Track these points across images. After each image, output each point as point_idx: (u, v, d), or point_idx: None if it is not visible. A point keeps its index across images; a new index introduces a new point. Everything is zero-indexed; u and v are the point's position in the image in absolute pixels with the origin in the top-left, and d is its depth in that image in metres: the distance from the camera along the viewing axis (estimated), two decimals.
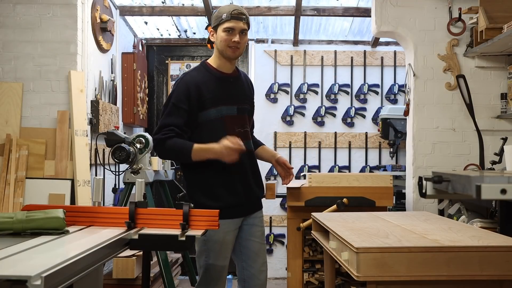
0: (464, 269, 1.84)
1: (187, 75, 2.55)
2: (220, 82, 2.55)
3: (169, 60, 5.35)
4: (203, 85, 2.49)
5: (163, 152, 2.50)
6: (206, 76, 2.54)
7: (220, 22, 2.52)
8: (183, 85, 2.48)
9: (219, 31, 2.54)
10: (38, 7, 3.78)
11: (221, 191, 2.49)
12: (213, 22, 2.56)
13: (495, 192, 1.76)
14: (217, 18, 2.54)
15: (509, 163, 2.73)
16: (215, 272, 2.52)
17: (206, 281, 2.52)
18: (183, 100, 2.45)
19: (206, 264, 2.51)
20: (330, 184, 3.54)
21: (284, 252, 4.86)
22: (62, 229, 1.90)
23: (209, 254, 2.49)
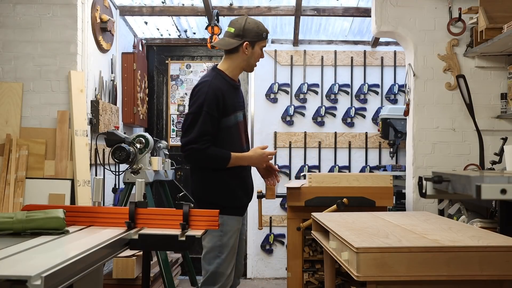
0: (464, 269, 1.84)
1: (213, 83, 2.61)
2: (234, 89, 2.70)
3: (169, 60, 5.35)
4: (226, 93, 2.61)
5: (202, 161, 2.60)
6: (225, 84, 2.65)
7: (260, 39, 2.68)
8: (212, 93, 2.56)
9: (257, 48, 2.68)
10: (38, 7, 3.78)
11: (239, 191, 2.67)
12: (253, 36, 2.65)
13: (495, 192, 1.76)
14: (258, 35, 2.66)
15: (509, 163, 2.73)
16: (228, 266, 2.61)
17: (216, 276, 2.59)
18: (214, 108, 2.56)
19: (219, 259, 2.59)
20: (330, 184, 3.53)
21: (284, 252, 4.86)
22: (62, 229, 1.90)
23: (222, 250, 2.59)
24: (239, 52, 2.66)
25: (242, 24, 2.65)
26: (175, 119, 5.32)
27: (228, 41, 2.67)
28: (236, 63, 2.69)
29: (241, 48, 2.65)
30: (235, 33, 2.65)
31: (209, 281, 2.60)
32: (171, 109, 5.32)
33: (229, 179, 2.64)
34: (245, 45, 2.64)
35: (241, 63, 2.69)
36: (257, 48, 2.68)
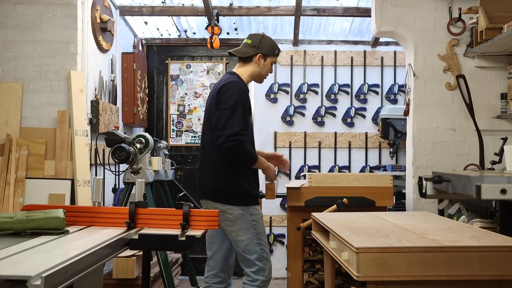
0: (464, 269, 1.84)
1: (241, 84, 2.87)
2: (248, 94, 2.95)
3: (169, 60, 5.35)
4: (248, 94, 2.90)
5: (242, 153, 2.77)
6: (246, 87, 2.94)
7: (272, 54, 2.97)
8: (243, 92, 2.84)
9: (268, 61, 2.98)
10: (38, 7, 3.78)
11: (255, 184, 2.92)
12: (267, 50, 2.95)
13: (495, 192, 1.76)
14: (271, 49, 2.97)
15: (509, 163, 2.73)
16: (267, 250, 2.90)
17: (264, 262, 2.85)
18: (246, 105, 2.82)
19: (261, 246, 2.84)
20: (330, 184, 3.53)
21: (284, 252, 4.86)
22: (62, 229, 1.90)
23: (260, 236, 2.86)
24: (252, 61, 2.96)
25: (259, 37, 2.97)
26: (175, 119, 5.32)
27: (244, 50, 2.97)
28: (249, 72, 2.97)
29: (255, 58, 2.95)
30: (251, 44, 2.97)
31: (259, 269, 2.84)
32: (171, 109, 5.32)
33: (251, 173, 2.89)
34: (258, 56, 2.94)
35: (253, 72, 2.97)
36: (268, 61, 2.97)
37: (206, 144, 2.93)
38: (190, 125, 5.31)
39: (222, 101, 2.79)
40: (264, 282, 2.86)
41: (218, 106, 2.81)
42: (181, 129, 5.32)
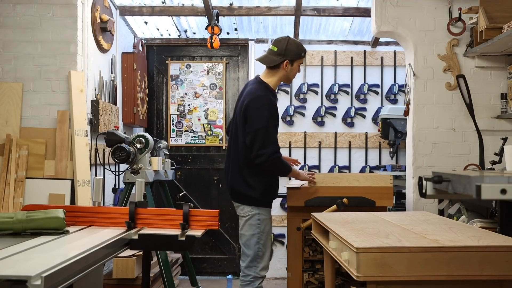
0: (464, 269, 1.84)
1: (269, 98, 3.03)
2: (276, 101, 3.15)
3: (169, 60, 5.35)
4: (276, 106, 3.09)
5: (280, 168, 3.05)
6: (273, 97, 3.12)
7: (299, 58, 3.11)
8: (273, 107, 3.03)
9: (295, 64, 3.12)
10: (38, 7, 3.78)
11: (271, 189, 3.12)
12: (293, 55, 3.07)
13: (495, 192, 1.77)
14: (297, 54, 3.09)
15: (509, 163, 2.73)
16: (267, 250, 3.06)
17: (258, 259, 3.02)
18: (277, 121, 3.05)
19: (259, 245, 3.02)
20: (330, 184, 3.53)
21: (284, 252, 4.86)
22: (62, 229, 1.91)
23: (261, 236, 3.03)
24: (280, 68, 3.09)
25: (284, 44, 3.08)
26: (175, 119, 5.32)
27: (271, 58, 3.10)
28: (277, 78, 3.12)
29: (282, 65, 3.07)
30: (278, 52, 3.08)
31: (252, 264, 3.02)
32: (171, 109, 5.32)
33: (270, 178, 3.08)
34: (285, 63, 3.07)
35: (281, 77, 3.13)
36: (295, 65, 3.12)
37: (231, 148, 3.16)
38: (190, 125, 5.31)
39: (255, 118, 2.96)
40: (255, 278, 3.02)
41: (248, 122, 2.98)
42: (181, 129, 5.32)
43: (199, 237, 2.02)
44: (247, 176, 3.04)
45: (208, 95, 5.30)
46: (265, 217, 3.07)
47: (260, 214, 3.05)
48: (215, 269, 5.21)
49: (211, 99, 5.30)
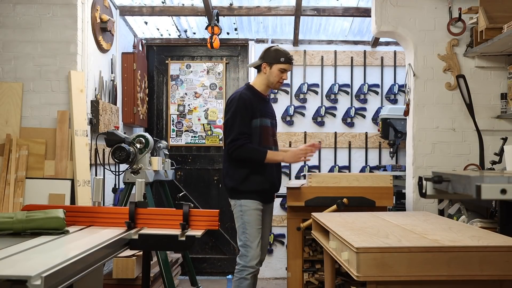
0: (464, 269, 1.84)
1: (242, 93, 3.24)
2: (261, 100, 3.31)
3: (169, 60, 5.35)
4: (253, 100, 3.23)
5: (243, 154, 3.15)
6: (253, 94, 3.28)
7: (277, 62, 3.26)
8: (242, 100, 3.19)
9: (274, 69, 3.27)
10: (38, 7, 3.78)
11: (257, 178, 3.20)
12: (270, 59, 3.27)
13: (495, 192, 1.77)
14: (275, 58, 3.26)
15: (509, 163, 2.73)
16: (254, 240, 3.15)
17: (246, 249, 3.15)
18: (244, 112, 3.17)
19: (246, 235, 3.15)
20: (330, 184, 3.53)
21: (284, 252, 4.86)
22: (62, 229, 1.91)
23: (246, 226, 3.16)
24: (261, 71, 3.31)
25: (265, 49, 3.32)
26: (175, 119, 5.32)
27: (255, 62, 3.38)
28: (260, 80, 3.34)
29: (261, 67, 3.30)
30: (259, 56, 3.35)
31: (241, 255, 3.16)
32: (171, 109, 5.32)
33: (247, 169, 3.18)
34: (263, 65, 3.29)
35: (264, 80, 3.31)
36: (274, 69, 3.26)
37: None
38: (190, 125, 5.31)
39: (225, 114, 3.27)
40: (244, 268, 3.14)
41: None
42: (181, 129, 5.32)
43: (199, 237, 2.02)
44: (227, 169, 3.26)
45: (208, 95, 5.30)
46: (247, 208, 3.17)
47: (242, 205, 3.17)
48: (215, 269, 5.21)
49: (211, 99, 5.30)
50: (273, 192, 3.41)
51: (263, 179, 3.22)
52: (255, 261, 3.15)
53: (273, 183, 3.32)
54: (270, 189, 3.31)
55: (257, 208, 3.20)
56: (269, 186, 3.28)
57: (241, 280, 3.14)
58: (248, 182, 3.19)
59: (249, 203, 3.19)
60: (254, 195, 3.20)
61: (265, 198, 3.29)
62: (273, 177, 3.31)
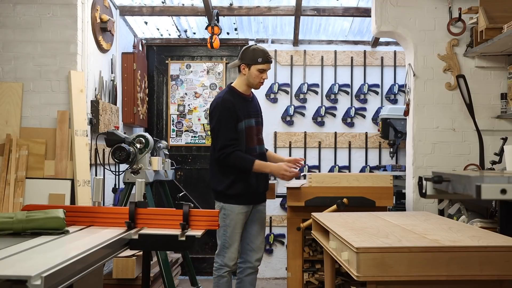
0: (464, 269, 1.84)
1: (223, 98, 3.24)
2: (243, 101, 3.30)
3: (169, 60, 5.35)
4: (236, 103, 3.23)
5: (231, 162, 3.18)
6: (235, 97, 3.27)
7: (255, 63, 3.21)
8: (225, 107, 3.20)
9: (253, 69, 3.23)
10: (38, 7, 3.77)
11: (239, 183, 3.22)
12: (248, 60, 3.23)
13: (495, 192, 1.77)
14: (252, 59, 3.22)
15: (509, 163, 2.73)
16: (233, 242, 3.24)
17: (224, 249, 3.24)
18: (229, 118, 3.18)
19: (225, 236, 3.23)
20: (330, 184, 3.53)
21: (284, 252, 4.86)
22: (62, 229, 1.91)
23: (226, 229, 3.22)
24: (241, 72, 3.29)
25: (242, 49, 3.28)
26: (175, 119, 5.32)
27: (234, 63, 3.35)
28: (241, 81, 3.31)
29: (241, 68, 3.28)
30: (238, 56, 3.31)
31: (219, 253, 3.26)
32: (171, 109, 5.32)
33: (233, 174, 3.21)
34: (242, 66, 3.27)
35: (244, 80, 3.29)
36: (253, 70, 3.22)
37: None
38: (190, 125, 5.31)
39: (210, 121, 3.29)
40: (221, 266, 3.25)
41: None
42: (181, 129, 5.32)
43: (199, 237, 2.02)
44: (214, 173, 3.32)
45: (208, 95, 5.30)
46: (230, 212, 3.22)
47: (226, 209, 3.22)
48: None
49: (211, 99, 5.29)
50: (260, 194, 3.39)
51: (248, 183, 3.24)
52: (232, 262, 3.24)
53: (259, 186, 3.32)
54: (255, 192, 3.31)
55: (240, 212, 3.24)
56: (255, 189, 3.29)
57: (219, 278, 3.26)
58: (233, 187, 3.23)
59: (232, 208, 3.23)
60: (239, 200, 3.23)
61: (250, 200, 3.30)
62: (259, 180, 3.31)
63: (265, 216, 3.47)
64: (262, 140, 3.41)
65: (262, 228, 3.45)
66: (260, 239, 3.41)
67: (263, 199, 3.44)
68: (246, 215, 3.30)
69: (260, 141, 3.38)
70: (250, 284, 3.38)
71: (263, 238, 3.45)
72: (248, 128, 3.27)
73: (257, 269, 3.41)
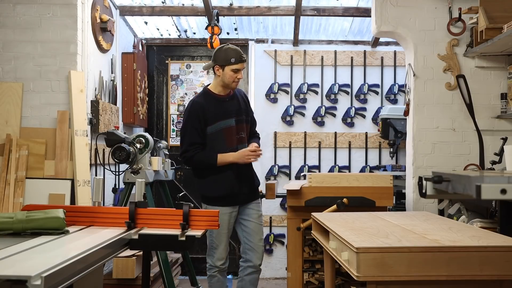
0: (464, 269, 1.84)
1: (194, 102, 3.30)
2: (218, 103, 3.30)
3: (169, 60, 5.35)
4: (207, 107, 3.25)
5: (194, 165, 3.28)
6: (208, 99, 3.30)
7: (228, 63, 3.22)
8: (193, 110, 3.25)
9: (227, 70, 3.24)
10: (38, 7, 3.77)
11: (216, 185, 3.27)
12: (221, 61, 3.24)
13: (495, 192, 1.77)
14: (225, 60, 3.23)
15: (509, 163, 2.73)
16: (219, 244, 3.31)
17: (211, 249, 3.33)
18: (196, 121, 3.22)
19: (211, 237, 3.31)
20: (330, 184, 3.53)
21: (284, 252, 4.86)
22: (62, 229, 1.91)
23: (212, 231, 3.24)
24: (215, 73, 3.31)
25: (215, 51, 3.29)
26: (175, 119, 5.32)
27: (208, 64, 3.38)
28: (216, 82, 3.34)
29: (215, 70, 3.30)
30: (212, 57, 3.32)
31: (208, 253, 3.36)
32: (171, 109, 5.32)
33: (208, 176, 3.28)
34: (216, 68, 3.28)
35: (219, 82, 3.31)
36: (227, 70, 3.23)
37: None
38: None
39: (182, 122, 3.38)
40: (211, 266, 3.34)
41: None
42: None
43: (199, 237, 2.02)
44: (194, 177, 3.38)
45: None
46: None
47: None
48: None
49: None
50: (246, 193, 3.36)
51: (227, 184, 3.25)
52: (220, 262, 3.32)
53: (242, 185, 3.31)
54: (239, 192, 3.30)
55: (224, 213, 3.24)
56: (238, 190, 3.28)
57: (210, 277, 3.37)
58: (212, 190, 3.28)
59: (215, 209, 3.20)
60: (220, 202, 3.25)
61: (236, 201, 3.31)
62: (241, 180, 3.30)
63: (259, 214, 3.42)
64: (244, 138, 3.36)
65: (258, 226, 3.40)
66: (257, 238, 3.38)
67: (252, 198, 3.40)
68: (232, 216, 3.32)
69: (242, 140, 3.34)
70: (251, 283, 3.38)
71: (261, 236, 3.41)
72: (226, 129, 3.27)
73: (259, 269, 3.40)
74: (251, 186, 3.39)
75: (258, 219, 3.41)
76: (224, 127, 3.26)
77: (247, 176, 3.36)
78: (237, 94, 3.42)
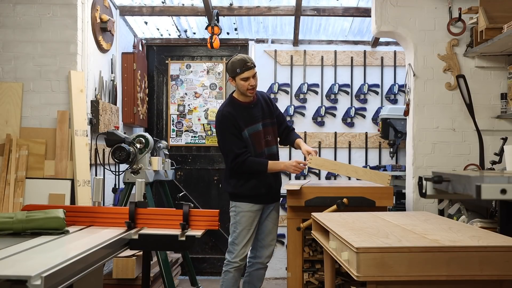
0: (464, 269, 1.84)
1: (223, 111, 3.40)
2: (244, 109, 3.42)
3: (169, 60, 5.35)
4: (235, 114, 3.37)
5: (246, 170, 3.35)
6: (235, 107, 3.41)
7: (236, 74, 3.32)
8: (226, 119, 3.35)
9: (238, 80, 3.35)
10: (38, 7, 3.78)
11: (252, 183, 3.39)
12: (230, 73, 3.35)
13: (495, 192, 1.77)
14: (232, 71, 3.34)
15: (509, 163, 2.73)
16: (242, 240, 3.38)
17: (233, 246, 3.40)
18: (232, 128, 3.33)
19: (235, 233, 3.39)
20: (329, 169, 3.66)
21: (284, 252, 4.86)
22: (62, 229, 1.91)
23: (237, 226, 3.38)
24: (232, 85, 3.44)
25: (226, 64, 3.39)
26: (175, 119, 5.32)
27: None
28: (237, 91, 3.46)
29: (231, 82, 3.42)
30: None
31: (228, 249, 3.41)
32: (171, 109, 5.32)
33: (243, 175, 3.37)
34: (230, 80, 3.41)
35: (237, 91, 3.44)
36: (238, 80, 3.34)
37: None
38: (190, 125, 5.31)
39: (217, 135, 3.46)
40: (229, 262, 3.39)
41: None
42: (181, 129, 5.32)
43: (199, 237, 2.02)
44: (226, 175, 3.48)
45: (208, 95, 5.31)
46: (240, 209, 3.39)
47: (236, 207, 3.40)
48: (215, 269, 5.20)
49: (211, 99, 5.30)
50: (271, 194, 3.52)
51: (257, 183, 3.40)
52: (239, 258, 3.37)
53: (270, 186, 3.47)
54: (266, 192, 3.45)
55: (250, 210, 3.38)
56: (265, 190, 3.44)
57: (226, 273, 3.40)
58: (243, 187, 3.39)
59: (242, 205, 3.39)
60: (249, 198, 3.39)
61: (262, 200, 3.45)
62: (270, 180, 3.46)
63: (278, 215, 3.63)
64: (271, 141, 3.52)
65: (275, 226, 3.60)
66: (271, 237, 3.56)
67: (276, 198, 3.60)
68: (257, 214, 3.44)
69: (269, 143, 3.50)
70: (257, 279, 3.54)
71: (275, 235, 3.60)
72: (254, 134, 3.39)
73: (266, 266, 3.57)
74: (278, 187, 3.58)
75: (276, 220, 3.61)
76: (252, 133, 3.39)
77: (277, 176, 3.57)
78: (260, 98, 3.54)
